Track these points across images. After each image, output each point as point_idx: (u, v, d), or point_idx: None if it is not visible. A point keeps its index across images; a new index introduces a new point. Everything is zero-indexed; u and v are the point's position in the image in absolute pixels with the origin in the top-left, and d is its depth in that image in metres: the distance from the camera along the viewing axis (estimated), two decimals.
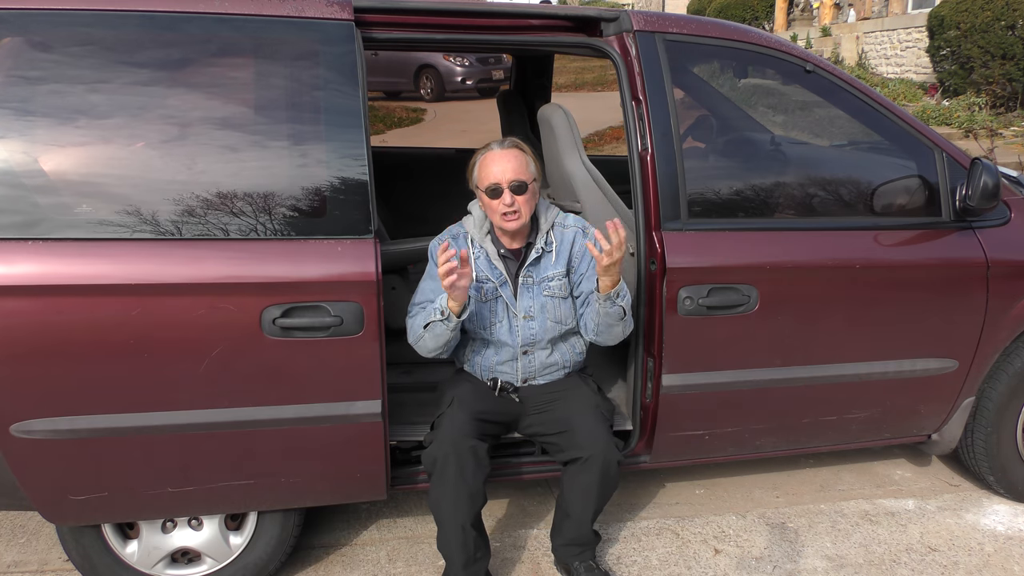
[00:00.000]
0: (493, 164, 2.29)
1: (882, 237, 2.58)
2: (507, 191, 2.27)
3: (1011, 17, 9.61)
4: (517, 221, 2.30)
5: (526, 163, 2.32)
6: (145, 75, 2.04)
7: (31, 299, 1.95)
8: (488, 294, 2.37)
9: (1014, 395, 2.86)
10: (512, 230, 2.34)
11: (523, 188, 2.28)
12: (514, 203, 2.28)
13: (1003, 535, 2.80)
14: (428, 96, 14.10)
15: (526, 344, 2.40)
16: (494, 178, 2.28)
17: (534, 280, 2.39)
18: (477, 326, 2.38)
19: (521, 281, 2.39)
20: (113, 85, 2.02)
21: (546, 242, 2.40)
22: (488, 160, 2.31)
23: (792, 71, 2.60)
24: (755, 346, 2.49)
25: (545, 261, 2.39)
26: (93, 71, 2.02)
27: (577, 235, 2.42)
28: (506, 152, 2.31)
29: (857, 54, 13.43)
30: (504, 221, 2.30)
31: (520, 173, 2.28)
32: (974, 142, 7.81)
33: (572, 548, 2.46)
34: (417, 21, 2.37)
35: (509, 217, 2.29)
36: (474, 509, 2.27)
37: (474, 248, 2.39)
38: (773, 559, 2.66)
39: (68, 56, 2.01)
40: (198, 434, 2.12)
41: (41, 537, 2.76)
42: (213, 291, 2.03)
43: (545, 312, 2.38)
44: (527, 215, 2.32)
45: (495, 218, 2.33)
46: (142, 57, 2.05)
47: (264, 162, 2.10)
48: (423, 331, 2.26)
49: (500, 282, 2.38)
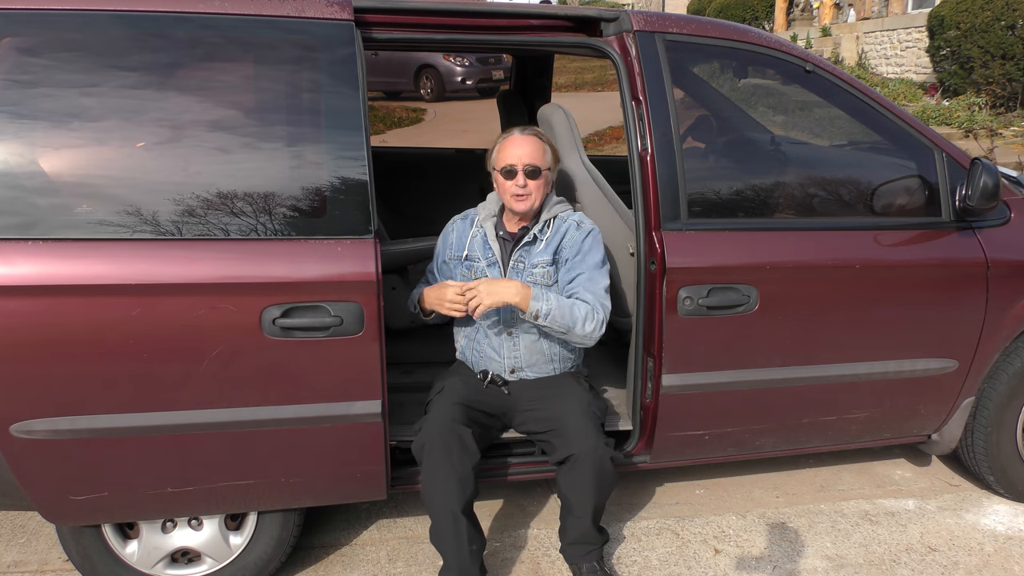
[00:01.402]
0: (512, 147, 2.42)
1: (882, 237, 2.58)
2: (521, 173, 2.39)
3: (1011, 17, 9.61)
4: (526, 203, 2.42)
5: (543, 151, 2.44)
6: (145, 75, 2.04)
7: (32, 299, 1.95)
8: (477, 273, 2.49)
9: (1014, 395, 2.86)
10: (521, 211, 2.44)
11: (537, 173, 2.40)
12: (526, 185, 2.40)
13: (1003, 535, 2.80)
14: (428, 96, 14.11)
15: (509, 325, 2.47)
16: (511, 159, 2.40)
17: (524, 265, 2.46)
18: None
19: (511, 264, 2.48)
20: (113, 85, 2.02)
21: (540, 229, 2.48)
22: (508, 143, 2.43)
23: (792, 71, 2.60)
24: (755, 346, 2.50)
25: (535, 247, 2.47)
26: (93, 71, 2.02)
27: (570, 228, 2.49)
28: (526, 138, 2.43)
29: (857, 54, 13.43)
30: (514, 201, 2.42)
31: (535, 159, 2.40)
32: (974, 142, 7.81)
33: (578, 547, 2.46)
34: (417, 21, 2.37)
35: (519, 198, 2.41)
36: (464, 496, 2.26)
37: (474, 228, 2.53)
38: (773, 559, 2.66)
39: (68, 57, 2.01)
40: (198, 434, 2.12)
41: (41, 537, 2.76)
42: (213, 291, 2.04)
43: None
44: (537, 200, 2.44)
45: (506, 198, 2.45)
46: (142, 57, 2.04)
47: (264, 162, 2.10)
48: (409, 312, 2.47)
49: (489, 262, 2.47)
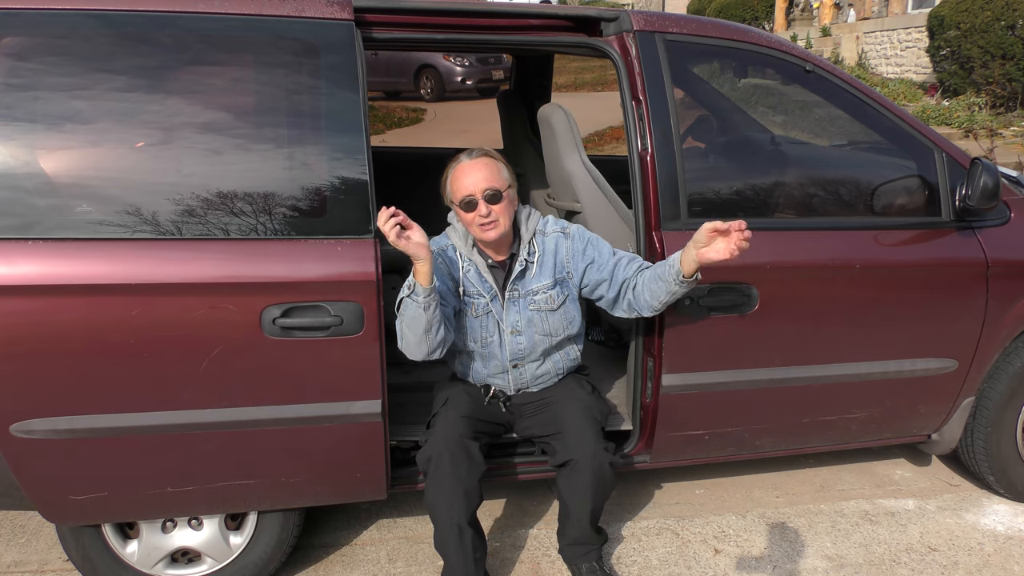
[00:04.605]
0: (464, 176, 2.23)
1: (882, 237, 2.58)
2: (482, 202, 2.20)
3: (1011, 17, 9.61)
4: (496, 231, 2.23)
5: (498, 170, 2.25)
6: (145, 75, 2.04)
7: (32, 299, 1.95)
8: (480, 309, 2.34)
9: (1014, 395, 2.86)
10: (492, 240, 2.26)
11: (498, 197, 2.22)
12: (490, 213, 2.21)
13: (1003, 535, 2.80)
14: (428, 96, 14.11)
15: (515, 358, 2.38)
16: (467, 190, 2.21)
17: (520, 294, 2.35)
18: (470, 340, 2.36)
19: (508, 296, 2.35)
20: (113, 85, 2.02)
21: (529, 252, 2.35)
22: (459, 173, 2.24)
23: (792, 71, 2.60)
24: (755, 346, 2.50)
25: (529, 274, 2.34)
26: (93, 71, 2.02)
27: (559, 240, 2.36)
28: (475, 162, 2.24)
29: (857, 54, 13.44)
30: (483, 232, 2.24)
31: (493, 181, 2.22)
32: (974, 142, 7.81)
33: (577, 548, 2.46)
34: (417, 21, 2.37)
35: (487, 227, 2.23)
36: (470, 507, 2.27)
37: (463, 261, 2.34)
38: (773, 559, 2.66)
39: (68, 56, 2.00)
40: (198, 434, 2.12)
41: (41, 537, 2.76)
42: (213, 291, 2.03)
43: (532, 326, 2.36)
44: (506, 224, 2.25)
45: (474, 231, 2.27)
46: (141, 57, 2.04)
47: (264, 162, 2.10)
48: (398, 316, 2.16)
49: (491, 296, 2.34)
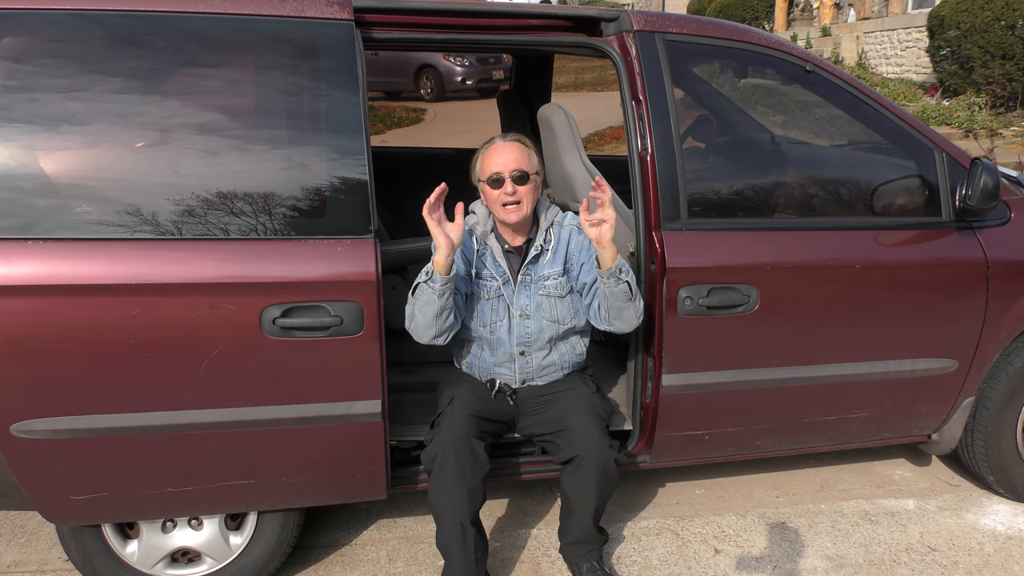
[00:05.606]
0: (496, 155, 2.33)
1: (882, 237, 2.58)
2: (508, 180, 2.29)
3: (1011, 17, 9.61)
4: (518, 212, 2.31)
5: (528, 155, 2.35)
6: (145, 75, 2.04)
7: (32, 299, 1.95)
8: (492, 292, 2.39)
9: (1014, 395, 2.86)
10: (513, 222, 2.34)
11: (525, 178, 2.31)
12: (516, 192, 2.30)
13: (1003, 535, 2.80)
14: (428, 96, 14.10)
15: (522, 344, 2.40)
16: (496, 167, 2.31)
17: (532, 279, 2.40)
18: (478, 324, 2.39)
19: (520, 279, 2.40)
20: (113, 85, 2.02)
21: (545, 239, 2.41)
22: (491, 152, 2.35)
23: (792, 71, 2.60)
24: (755, 346, 2.49)
25: (543, 259, 2.41)
26: (93, 71, 2.01)
27: (573, 232, 2.43)
28: (508, 144, 2.35)
29: (857, 54, 13.43)
30: (505, 212, 2.32)
31: (522, 163, 2.31)
32: (974, 142, 7.81)
33: (578, 547, 2.47)
34: (417, 21, 2.37)
35: (510, 208, 2.31)
36: (473, 507, 2.27)
37: (479, 244, 2.41)
38: (773, 559, 2.66)
39: (69, 57, 2.00)
40: (198, 434, 2.12)
41: (41, 537, 2.76)
42: (213, 291, 2.03)
43: (541, 311, 2.39)
44: (528, 207, 2.33)
45: (496, 209, 2.34)
46: (141, 57, 2.04)
47: (264, 162, 2.10)
48: (411, 298, 2.24)
49: (503, 280, 2.39)
